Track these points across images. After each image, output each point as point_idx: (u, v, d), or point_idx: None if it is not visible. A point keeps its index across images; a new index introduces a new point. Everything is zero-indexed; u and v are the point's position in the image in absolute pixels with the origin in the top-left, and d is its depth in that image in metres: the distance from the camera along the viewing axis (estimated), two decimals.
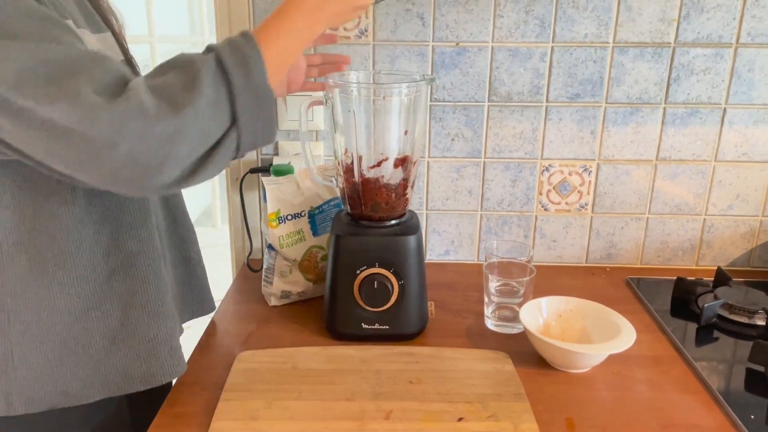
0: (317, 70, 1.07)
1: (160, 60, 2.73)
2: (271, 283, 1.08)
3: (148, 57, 2.77)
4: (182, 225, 0.95)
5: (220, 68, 0.65)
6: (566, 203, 1.25)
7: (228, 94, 0.65)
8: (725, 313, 1.05)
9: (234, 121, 0.66)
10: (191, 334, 1.01)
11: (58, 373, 0.75)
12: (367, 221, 0.98)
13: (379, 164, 0.97)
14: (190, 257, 0.97)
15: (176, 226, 0.93)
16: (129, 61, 0.85)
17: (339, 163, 1.00)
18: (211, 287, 1.02)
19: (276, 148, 1.23)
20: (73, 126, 0.58)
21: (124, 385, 0.79)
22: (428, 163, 1.23)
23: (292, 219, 1.06)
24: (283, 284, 1.08)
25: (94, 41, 0.73)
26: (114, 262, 0.77)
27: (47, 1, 0.65)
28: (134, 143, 0.59)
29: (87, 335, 0.76)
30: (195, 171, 0.66)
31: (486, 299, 1.02)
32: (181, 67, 0.65)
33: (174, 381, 0.87)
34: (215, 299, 1.03)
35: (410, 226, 0.98)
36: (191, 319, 0.98)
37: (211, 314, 1.03)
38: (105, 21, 0.82)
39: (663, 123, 1.19)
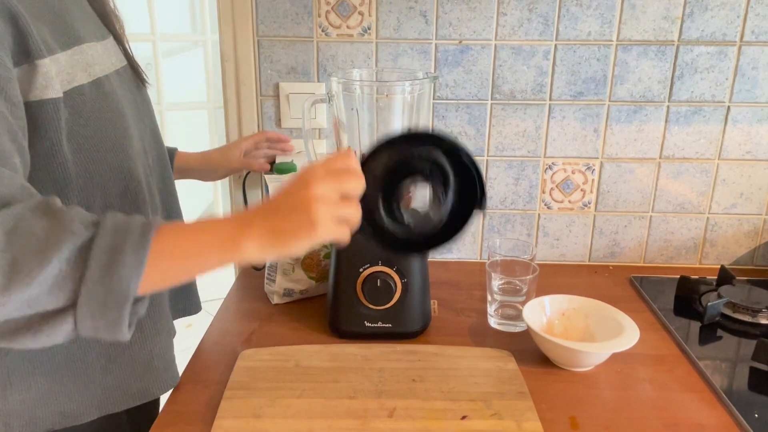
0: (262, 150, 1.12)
1: (162, 59, 2.73)
2: (273, 281, 1.08)
3: (150, 55, 2.77)
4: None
5: (85, 250, 0.56)
6: (569, 201, 1.25)
7: (77, 280, 0.55)
8: (729, 312, 1.05)
9: (74, 303, 0.56)
10: (193, 332, 1.01)
11: (56, 394, 0.74)
12: None
13: None
14: None
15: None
16: (131, 64, 0.85)
17: None
18: (212, 285, 1.02)
19: None
20: None
21: (120, 401, 0.78)
22: None
23: None
24: (286, 282, 1.08)
25: (64, 59, 0.68)
26: None
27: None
28: None
29: (85, 356, 0.75)
30: (10, 338, 0.56)
31: (489, 297, 1.02)
32: (59, 220, 0.56)
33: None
34: (217, 297, 1.03)
35: None
36: (179, 317, 0.98)
37: (202, 331, 1.02)
38: (108, 25, 0.82)
39: (666, 121, 1.19)
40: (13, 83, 0.61)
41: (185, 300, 0.99)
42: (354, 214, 0.65)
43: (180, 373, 0.87)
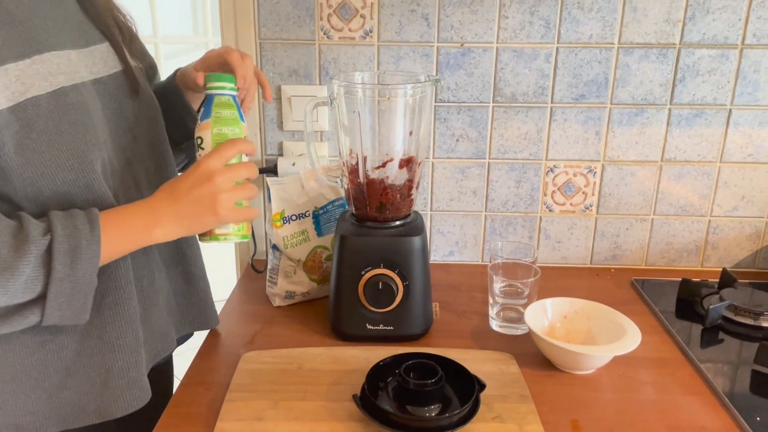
0: None
1: (164, 61, 2.73)
2: (275, 283, 1.09)
3: (152, 57, 2.78)
4: (185, 241, 0.93)
5: (47, 255, 0.65)
6: (571, 204, 1.25)
7: (45, 279, 0.65)
8: (731, 315, 1.05)
9: (42, 299, 0.66)
10: (196, 335, 1.01)
11: (10, 406, 0.73)
12: (371, 222, 0.98)
13: (383, 165, 0.97)
14: (192, 272, 0.94)
15: (178, 241, 0.91)
16: (127, 71, 0.82)
17: (344, 164, 1.00)
18: (215, 288, 1.01)
19: (280, 148, 1.23)
20: None
21: (79, 418, 0.76)
22: (433, 163, 1.23)
23: (296, 219, 1.06)
24: (288, 284, 1.08)
25: (18, 69, 0.66)
26: None
27: None
28: None
29: (40, 368, 0.73)
30: None
31: (490, 300, 1.02)
32: (13, 238, 0.64)
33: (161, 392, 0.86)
34: (220, 299, 1.03)
35: (415, 227, 0.98)
36: (192, 331, 0.97)
37: (215, 327, 1.01)
38: (104, 31, 0.80)
39: (668, 124, 1.19)
40: None
41: (197, 315, 0.96)
42: (252, 195, 0.78)
43: (181, 377, 0.86)
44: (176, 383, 0.87)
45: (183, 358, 0.90)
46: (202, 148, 0.79)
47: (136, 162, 0.83)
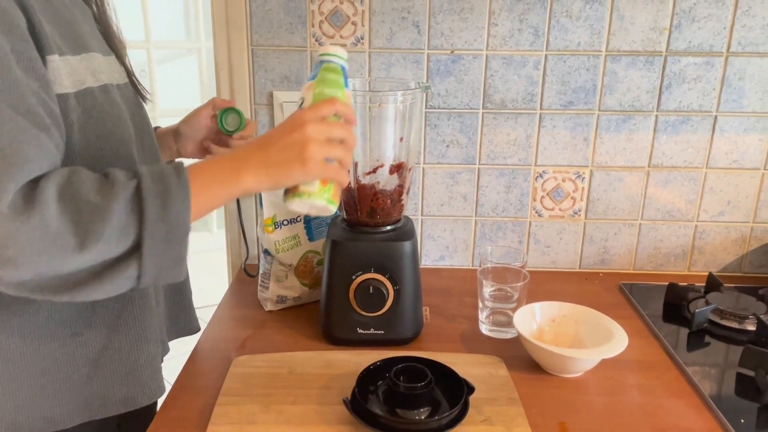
0: None
1: (156, 66, 2.74)
2: (267, 287, 1.09)
3: (144, 62, 2.78)
4: None
5: (137, 196, 0.63)
6: (560, 209, 1.26)
7: (138, 223, 0.62)
8: (716, 319, 1.07)
9: (138, 248, 0.63)
10: (187, 339, 1.01)
11: (41, 399, 0.74)
12: (362, 227, 0.99)
13: (374, 171, 0.98)
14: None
15: None
16: (132, 81, 0.86)
17: None
18: (207, 292, 1.02)
19: None
20: None
21: (104, 408, 0.78)
22: (423, 169, 1.24)
23: (288, 224, 1.07)
24: (279, 289, 1.09)
25: (74, 62, 0.71)
26: None
27: (18, 36, 0.62)
28: (22, 252, 0.57)
29: (70, 361, 0.75)
30: (79, 289, 0.63)
31: (480, 304, 1.03)
32: (101, 184, 0.63)
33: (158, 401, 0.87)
34: (212, 304, 1.04)
35: (405, 232, 0.99)
36: (177, 338, 0.98)
37: (198, 335, 1.02)
38: (110, 44, 0.83)
39: (655, 130, 1.21)
40: (39, 63, 0.64)
41: (184, 320, 0.98)
42: (344, 156, 0.73)
43: (172, 381, 0.87)
44: (168, 387, 0.87)
45: (174, 363, 0.90)
46: (302, 108, 0.77)
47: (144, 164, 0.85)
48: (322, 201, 0.74)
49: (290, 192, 0.75)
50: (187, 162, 0.73)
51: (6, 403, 0.73)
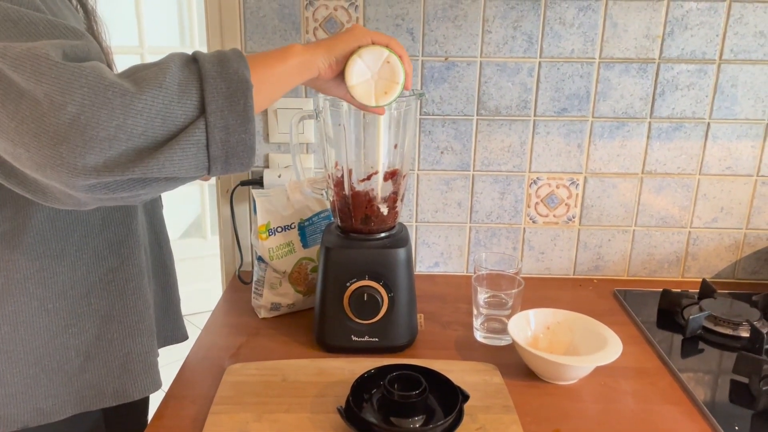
0: None
1: None
2: (261, 295, 1.09)
3: None
4: (166, 252, 0.94)
5: (193, 62, 0.62)
6: (554, 216, 1.27)
7: (197, 79, 0.60)
8: (710, 325, 1.07)
9: (202, 109, 0.60)
10: (180, 346, 1.01)
11: (33, 390, 0.74)
12: (357, 234, 0.99)
13: (369, 177, 0.98)
14: (171, 284, 0.96)
15: (161, 253, 0.93)
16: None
17: (329, 176, 1.01)
18: (200, 299, 1.02)
19: (266, 160, 1.24)
20: (19, 82, 0.54)
21: (96, 400, 0.78)
22: (418, 175, 1.24)
23: (282, 231, 1.07)
24: (273, 296, 1.08)
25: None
26: (93, 277, 0.76)
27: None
28: (82, 107, 0.54)
29: (63, 352, 0.75)
30: (149, 160, 0.58)
31: (475, 311, 1.03)
32: (151, 64, 0.62)
33: (149, 396, 0.87)
34: (205, 311, 1.03)
35: (400, 239, 0.98)
36: (164, 346, 0.97)
37: (188, 342, 1.02)
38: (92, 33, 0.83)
39: (648, 137, 1.21)
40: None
41: (171, 328, 0.98)
42: (387, 56, 0.78)
43: (164, 384, 0.86)
44: (161, 395, 0.87)
45: (167, 370, 0.90)
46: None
47: None
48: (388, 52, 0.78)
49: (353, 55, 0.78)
50: None
51: None
